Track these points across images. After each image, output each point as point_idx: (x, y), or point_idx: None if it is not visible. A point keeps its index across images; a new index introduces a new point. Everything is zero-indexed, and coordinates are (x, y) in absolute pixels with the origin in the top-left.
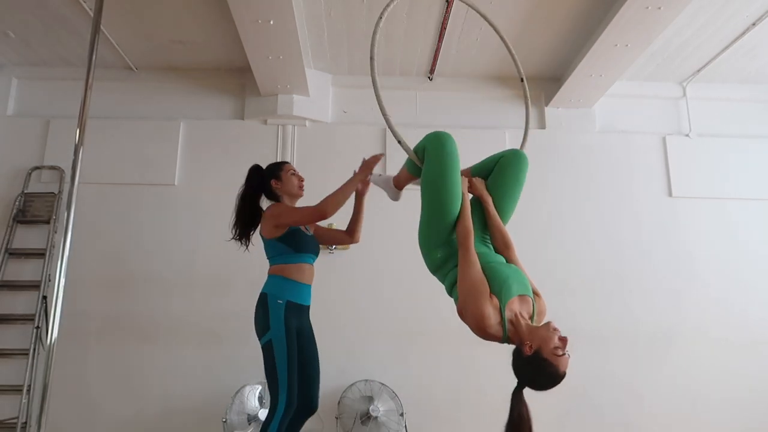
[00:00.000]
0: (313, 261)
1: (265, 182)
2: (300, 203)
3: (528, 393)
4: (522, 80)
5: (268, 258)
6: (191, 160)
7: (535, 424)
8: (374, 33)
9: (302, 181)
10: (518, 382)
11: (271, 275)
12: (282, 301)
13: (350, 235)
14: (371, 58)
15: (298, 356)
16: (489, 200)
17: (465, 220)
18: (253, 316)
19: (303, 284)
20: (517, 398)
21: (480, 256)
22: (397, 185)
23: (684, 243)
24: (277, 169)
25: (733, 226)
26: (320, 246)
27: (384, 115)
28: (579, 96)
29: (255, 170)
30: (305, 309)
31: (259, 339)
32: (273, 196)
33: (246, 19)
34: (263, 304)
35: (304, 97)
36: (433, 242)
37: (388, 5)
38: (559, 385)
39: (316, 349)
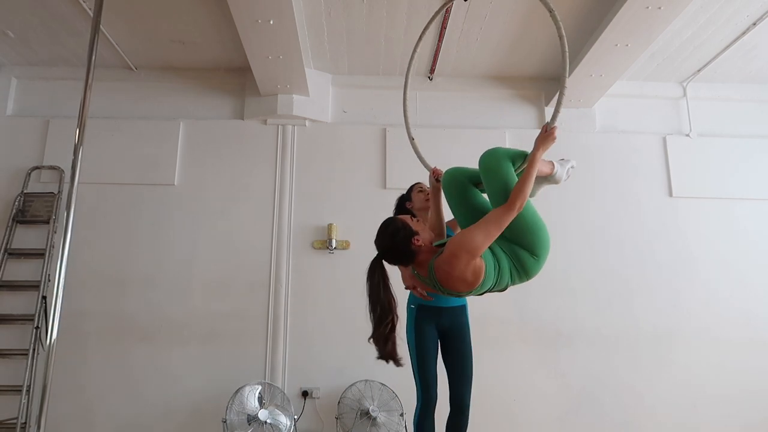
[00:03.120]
0: None
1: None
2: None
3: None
4: (551, 12)
5: None
6: (191, 160)
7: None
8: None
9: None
10: (383, 257)
11: None
12: (414, 306)
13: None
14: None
15: (446, 353)
16: (437, 191)
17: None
18: None
19: None
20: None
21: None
22: None
23: (684, 243)
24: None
25: (734, 226)
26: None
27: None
28: (579, 96)
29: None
30: (446, 310)
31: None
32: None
33: (246, 19)
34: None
35: (304, 97)
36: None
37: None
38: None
39: (466, 348)
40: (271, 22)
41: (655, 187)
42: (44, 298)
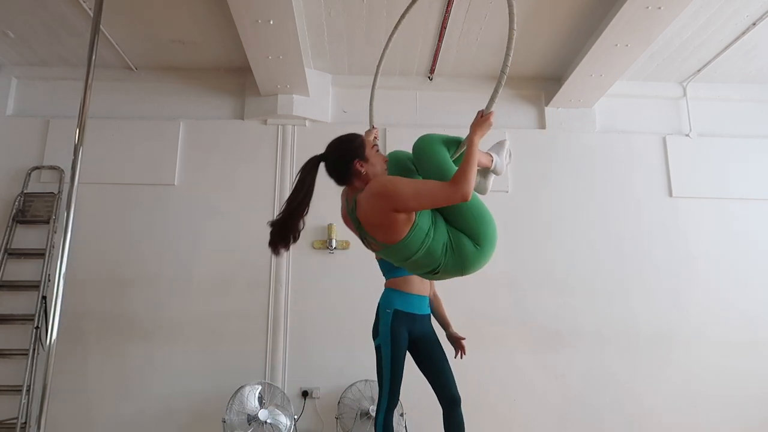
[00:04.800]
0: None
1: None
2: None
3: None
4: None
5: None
6: (191, 160)
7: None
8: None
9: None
10: (324, 159)
11: (385, 287)
12: (390, 310)
13: None
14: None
15: (424, 360)
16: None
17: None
18: None
19: (412, 294)
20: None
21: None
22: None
23: (684, 243)
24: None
25: (734, 226)
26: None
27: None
28: (579, 96)
29: None
30: (420, 317)
31: (374, 342)
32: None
33: (246, 19)
34: (377, 313)
35: (304, 97)
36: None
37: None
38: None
39: (441, 350)
40: (271, 22)
41: (654, 187)
42: (44, 298)
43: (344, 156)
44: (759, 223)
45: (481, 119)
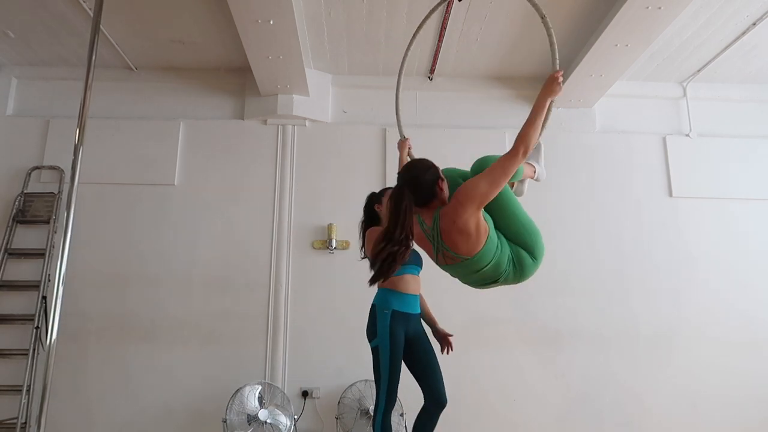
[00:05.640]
0: (417, 271)
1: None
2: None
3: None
4: (543, 17)
5: None
6: (191, 160)
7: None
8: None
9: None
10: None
11: (379, 288)
12: (388, 311)
13: None
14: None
15: (417, 360)
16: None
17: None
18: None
19: (408, 294)
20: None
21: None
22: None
23: (684, 243)
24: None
25: (734, 226)
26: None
27: None
28: (579, 96)
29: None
30: (413, 317)
31: (369, 343)
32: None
33: (246, 19)
34: (372, 314)
35: (304, 97)
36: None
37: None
38: None
39: (431, 349)
40: (271, 22)
41: (654, 187)
42: (44, 298)
43: (428, 179)
44: (759, 223)
45: (550, 80)
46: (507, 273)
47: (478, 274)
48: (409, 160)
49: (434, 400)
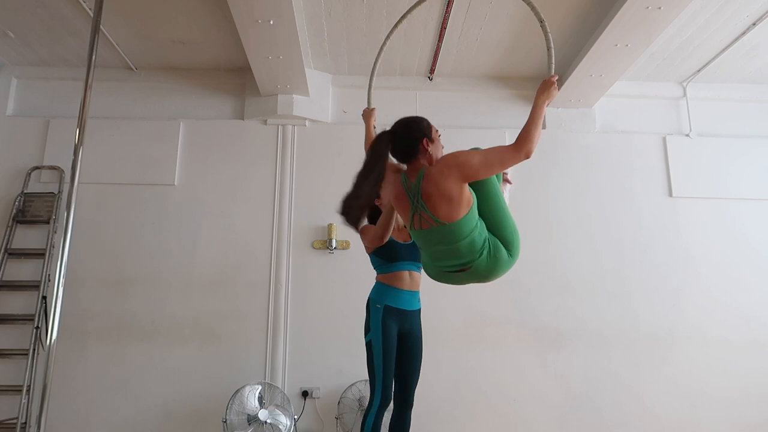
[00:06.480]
0: (416, 268)
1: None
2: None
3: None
4: (541, 22)
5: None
6: (191, 160)
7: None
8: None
9: None
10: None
11: (376, 282)
12: (380, 306)
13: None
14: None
15: (402, 356)
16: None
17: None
18: None
19: (403, 290)
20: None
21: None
22: None
23: (684, 243)
24: None
25: (733, 226)
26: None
27: None
28: (579, 96)
29: None
30: (409, 313)
31: (365, 338)
32: None
33: (246, 19)
34: (367, 308)
35: (304, 97)
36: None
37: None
38: None
39: (420, 349)
40: (271, 22)
41: (654, 187)
42: (44, 298)
43: (415, 134)
44: (759, 223)
45: (546, 84)
46: (480, 258)
47: (451, 249)
48: (375, 133)
49: (402, 400)
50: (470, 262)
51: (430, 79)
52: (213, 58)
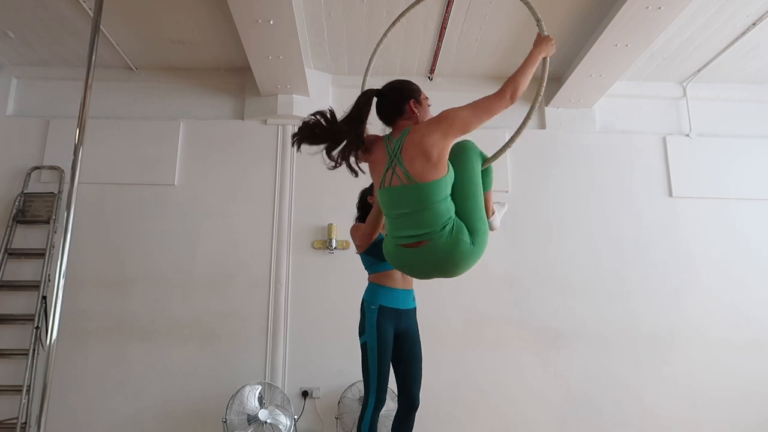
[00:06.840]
0: None
1: None
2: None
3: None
4: (538, 21)
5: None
6: (191, 160)
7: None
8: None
9: None
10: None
11: (369, 283)
12: (375, 307)
13: None
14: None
15: (402, 359)
16: None
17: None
18: None
19: (397, 289)
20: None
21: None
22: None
23: (684, 243)
24: None
25: (733, 226)
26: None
27: None
28: (579, 96)
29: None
30: (404, 312)
31: (359, 339)
32: None
33: (246, 19)
34: (361, 310)
35: (304, 97)
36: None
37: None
38: None
39: (419, 349)
40: (271, 22)
41: (654, 187)
42: (44, 298)
43: (402, 94)
44: (759, 223)
45: (544, 40)
46: (441, 232)
47: (414, 215)
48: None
49: (406, 402)
50: (430, 234)
51: (430, 79)
52: (213, 58)
